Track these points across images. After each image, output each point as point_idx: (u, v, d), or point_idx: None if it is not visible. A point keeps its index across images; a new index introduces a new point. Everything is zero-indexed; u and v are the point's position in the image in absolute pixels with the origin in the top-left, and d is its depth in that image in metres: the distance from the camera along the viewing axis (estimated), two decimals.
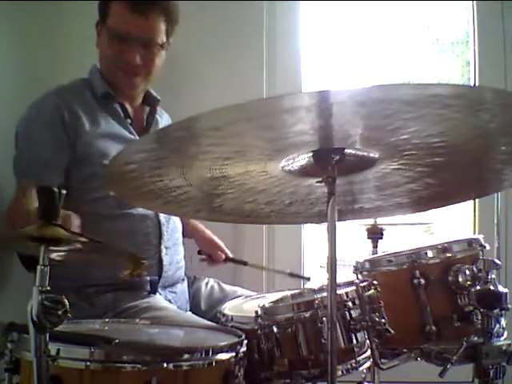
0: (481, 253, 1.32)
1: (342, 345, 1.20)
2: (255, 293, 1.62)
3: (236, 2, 2.23)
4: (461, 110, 0.88)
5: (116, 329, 1.26)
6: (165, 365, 0.98)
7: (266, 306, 1.22)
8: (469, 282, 1.25)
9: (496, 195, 2.24)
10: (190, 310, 1.76)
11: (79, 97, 1.69)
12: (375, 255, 1.59)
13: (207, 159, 1.04)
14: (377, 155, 1.06)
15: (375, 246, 1.63)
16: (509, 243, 2.26)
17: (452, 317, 1.26)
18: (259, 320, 1.21)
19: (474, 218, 2.35)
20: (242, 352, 1.09)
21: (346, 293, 1.24)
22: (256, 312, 1.22)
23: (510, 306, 1.22)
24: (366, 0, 2.44)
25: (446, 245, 1.32)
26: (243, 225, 2.10)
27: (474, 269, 1.26)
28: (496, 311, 1.20)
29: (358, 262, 1.38)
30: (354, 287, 1.25)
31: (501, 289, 1.21)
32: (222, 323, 1.29)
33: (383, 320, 1.21)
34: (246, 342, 1.11)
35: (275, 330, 1.19)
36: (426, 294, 1.27)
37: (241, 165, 1.06)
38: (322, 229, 1.13)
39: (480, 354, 1.21)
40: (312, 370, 1.18)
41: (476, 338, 1.23)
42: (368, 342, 1.23)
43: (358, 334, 1.22)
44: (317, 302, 1.19)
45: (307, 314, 1.19)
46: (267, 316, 1.21)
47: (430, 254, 1.31)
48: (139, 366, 0.97)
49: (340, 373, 1.18)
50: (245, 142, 0.98)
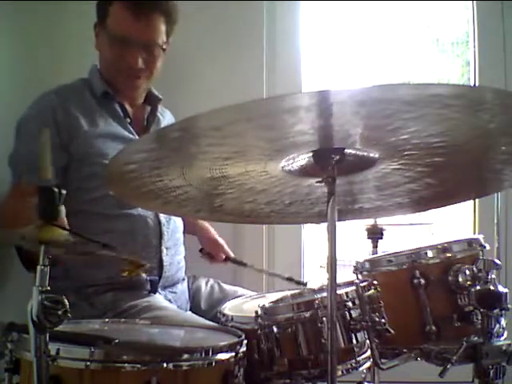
0: (481, 253, 1.32)
1: (342, 345, 1.20)
2: (255, 293, 1.62)
3: (236, 2, 2.23)
4: (461, 110, 0.88)
5: (116, 329, 1.26)
6: (164, 365, 0.98)
7: (266, 306, 1.22)
8: (469, 282, 1.25)
9: (496, 195, 2.24)
10: (190, 309, 1.76)
11: (78, 97, 1.69)
12: (375, 255, 1.59)
13: (207, 159, 1.04)
14: (377, 155, 1.06)
15: (375, 246, 1.63)
16: (509, 243, 2.26)
17: (452, 317, 1.27)
18: (259, 320, 1.21)
19: (474, 218, 2.35)
20: (242, 352, 1.09)
21: (346, 293, 1.24)
22: (256, 312, 1.22)
23: (510, 306, 1.22)
24: (366, 0, 2.44)
25: (446, 245, 1.32)
26: (243, 225, 2.09)
27: (474, 269, 1.26)
28: (496, 311, 1.20)
29: (358, 262, 1.38)
30: (353, 287, 1.25)
31: (501, 289, 1.21)
32: (222, 323, 1.29)
33: (383, 320, 1.21)
34: (245, 341, 1.11)
35: (275, 330, 1.19)
36: (426, 293, 1.27)
37: (241, 165, 1.06)
38: (322, 229, 1.13)
39: (480, 354, 1.21)
40: (312, 370, 1.18)
41: (476, 338, 1.23)
42: (368, 341, 1.23)
43: (358, 334, 1.22)
44: (317, 302, 1.19)
45: (307, 314, 1.19)
46: (267, 316, 1.21)
47: (430, 253, 1.31)
48: (139, 365, 0.97)
49: (340, 373, 1.18)
50: (245, 142, 0.98)
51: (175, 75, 2.17)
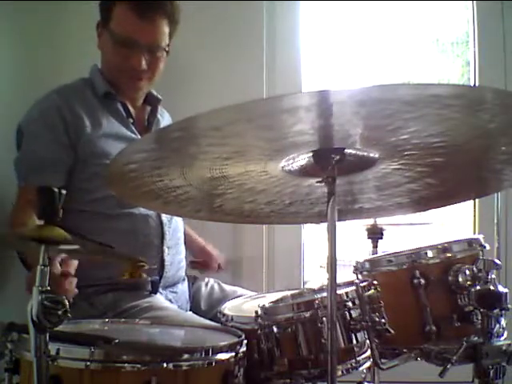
0: (481, 253, 1.32)
1: (342, 345, 1.20)
2: (255, 293, 1.62)
3: (236, 2, 2.23)
4: (461, 110, 0.88)
5: (116, 329, 1.26)
6: (164, 365, 0.98)
7: (266, 306, 1.22)
8: (469, 282, 1.25)
9: (496, 195, 2.24)
10: (190, 309, 1.76)
11: (81, 97, 1.69)
12: (375, 255, 1.58)
13: (207, 159, 1.04)
14: (377, 155, 1.06)
15: (375, 246, 1.63)
16: (509, 243, 2.26)
17: (452, 317, 1.26)
18: (259, 320, 1.20)
19: (474, 218, 2.35)
20: (242, 352, 1.09)
21: (346, 293, 1.24)
22: (256, 312, 1.22)
23: (510, 306, 1.22)
24: (366, 0, 2.44)
25: (446, 245, 1.32)
26: (243, 225, 2.09)
27: (474, 269, 1.26)
28: (496, 311, 1.20)
29: (358, 262, 1.38)
30: (353, 287, 1.24)
31: (501, 289, 1.21)
32: (222, 323, 1.29)
33: (383, 320, 1.21)
34: (245, 341, 1.11)
35: (275, 330, 1.19)
36: (425, 293, 1.27)
37: (241, 165, 1.06)
38: (322, 229, 1.13)
39: (480, 354, 1.21)
40: (312, 370, 1.18)
41: (476, 338, 1.23)
42: (368, 341, 1.23)
43: (358, 334, 1.22)
44: (317, 302, 1.19)
45: (307, 314, 1.19)
46: (267, 316, 1.21)
47: (430, 253, 1.30)
48: (139, 365, 0.97)
49: (340, 373, 1.18)
50: (245, 142, 0.98)
51: (175, 75, 2.17)
